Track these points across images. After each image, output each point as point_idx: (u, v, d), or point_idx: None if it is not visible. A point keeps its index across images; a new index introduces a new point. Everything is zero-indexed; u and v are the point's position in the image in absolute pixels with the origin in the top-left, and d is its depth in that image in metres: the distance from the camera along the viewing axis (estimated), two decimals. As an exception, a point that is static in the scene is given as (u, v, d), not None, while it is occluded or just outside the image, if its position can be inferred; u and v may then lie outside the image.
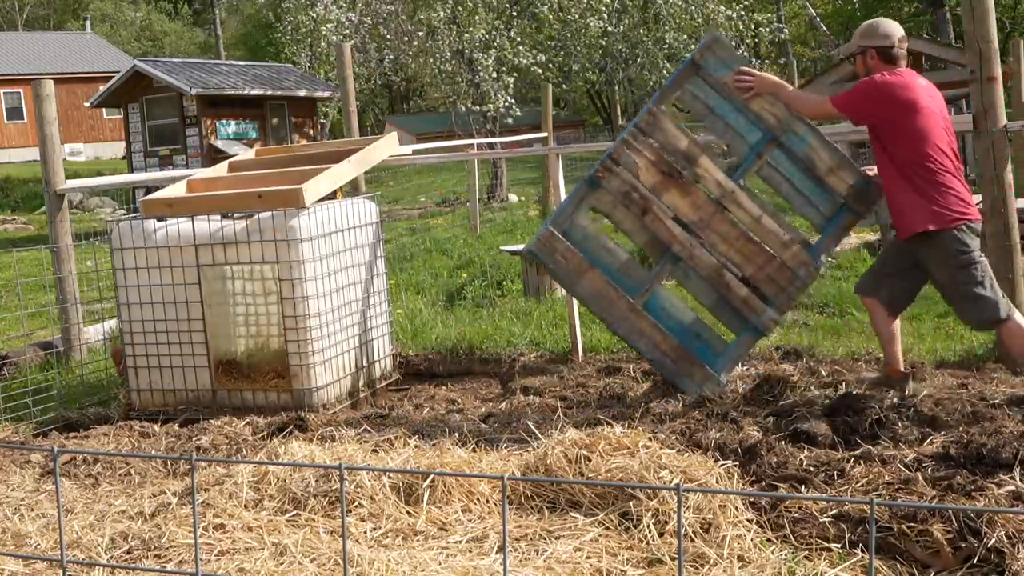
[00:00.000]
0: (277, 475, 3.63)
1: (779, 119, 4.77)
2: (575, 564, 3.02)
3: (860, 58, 4.63)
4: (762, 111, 4.78)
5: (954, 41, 20.82)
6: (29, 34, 44.39)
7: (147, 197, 5.59)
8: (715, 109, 4.83)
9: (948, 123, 4.52)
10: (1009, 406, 4.13)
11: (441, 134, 26.19)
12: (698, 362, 4.75)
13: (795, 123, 4.78)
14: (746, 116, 4.82)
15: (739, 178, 4.81)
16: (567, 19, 21.68)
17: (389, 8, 22.92)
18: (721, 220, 4.76)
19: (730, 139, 4.88)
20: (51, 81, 7.01)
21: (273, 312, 5.84)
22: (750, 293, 4.76)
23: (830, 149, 4.80)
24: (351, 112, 7.66)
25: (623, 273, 4.87)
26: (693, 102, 4.89)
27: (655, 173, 4.78)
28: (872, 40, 4.57)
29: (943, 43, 13.83)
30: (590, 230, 4.91)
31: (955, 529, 3.01)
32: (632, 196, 4.78)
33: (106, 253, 5.78)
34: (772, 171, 4.83)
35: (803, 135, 4.78)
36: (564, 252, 4.77)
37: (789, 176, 4.81)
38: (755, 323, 4.75)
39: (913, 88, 4.43)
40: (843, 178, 4.76)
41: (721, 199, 4.78)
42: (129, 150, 23.03)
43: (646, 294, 4.80)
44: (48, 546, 3.41)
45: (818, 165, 4.77)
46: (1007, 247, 5.15)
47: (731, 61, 4.83)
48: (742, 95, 4.78)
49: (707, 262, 4.77)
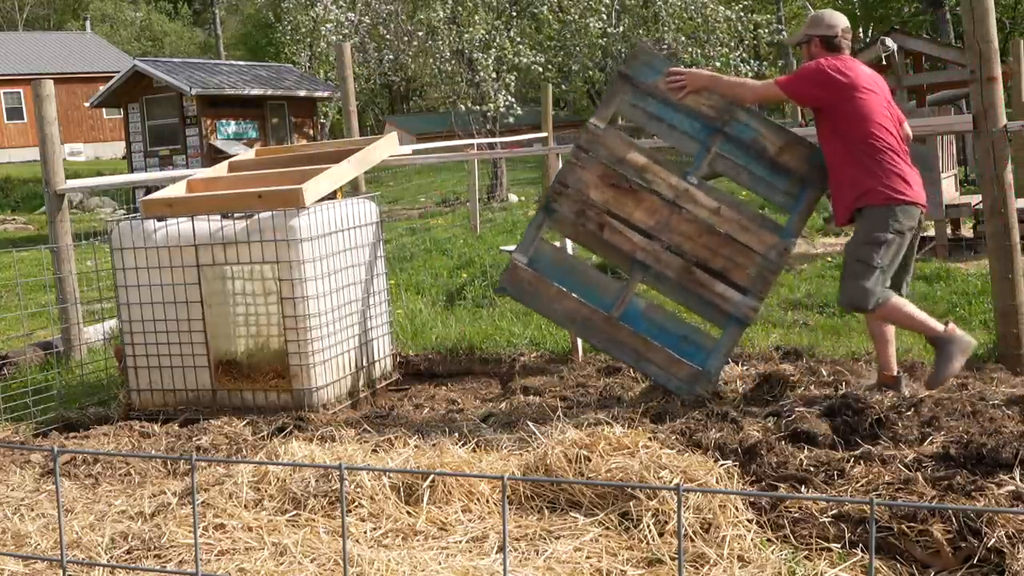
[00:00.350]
0: (277, 475, 3.63)
1: (719, 110, 4.81)
2: (575, 564, 3.02)
3: (806, 46, 4.80)
4: (700, 106, 4.82)
5: (954, 41, 20.82)
6: (29, 34, 44.39)
7: (147, 197, 5.59)
8: (656, 114, 4.88)
9: (893, 107, 4.67)
10: (1009, 406, 4.13)
11: (441, 134, 26.20)
12: (687, 363, 4.75)
13: (736, 112, 4.81)
14: (687, 114, 4.85)
15: (691, 175, 4.82)
16: (567, 19, 21.68)
17: (389, 8, 22.92)
18: (680, 220, 4.77)
19: (676, 140, 4.92)
20: (51, 81, 7.01)
21: (273, 312, 5.84)
22: (725, 286, 4.76)
23: (776, 130, 4.85)
24: (351, 112, 7.66)
25: (596, 290, 4.88)
26: (633, 112, 4.93)
27: (605, 187, 4.81)
28: (817, 29, 4.74)
29: (943, 43, 13.82)
30: (555, 255, 4.96)
31: (955, 529, 3.01)
32: (587, 214, 4.81)
33: (106, 253, 5.78)
34: (726, 162, 4.85)
35: (746, 122, 4.81)
36: (531, 281, 4.80)
37: (744, 164, 4.84)
38: (736, 314, 4.75)
39: (854, 71, 4.60)
40: (796, 155, 4.79)
41: (676, 200, 4.78)
42: (129, 150, 23.03)
43: (621, 306, 4.81)
44: (48, 546, 3.42)
45: (768, 148, 4.80)
46: (1007, 247, 5.15)
47: (659, 65, 4.89)
48: (676, 95, 4.82)
49: (674, 263, 4.78)
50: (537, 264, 4.84)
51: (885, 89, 4.73)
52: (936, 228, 10.08)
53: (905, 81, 10.62)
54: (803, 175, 4.78)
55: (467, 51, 19.70)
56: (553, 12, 21.43)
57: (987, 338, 5.77)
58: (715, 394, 4.77)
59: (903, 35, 11.10)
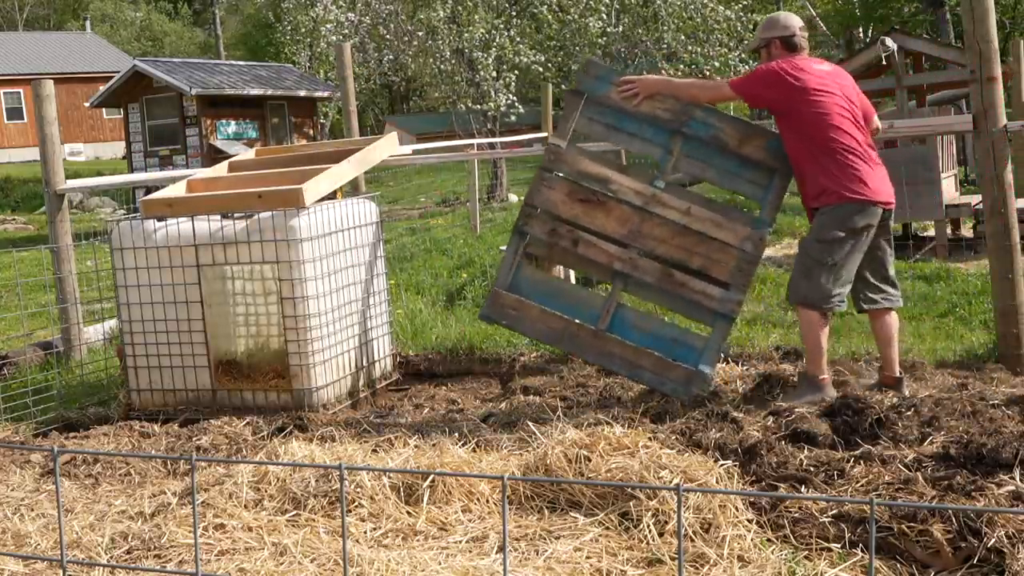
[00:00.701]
0: (277, 475, 3.63)
1: (675, 112, 4.83)
2: (575, 564, 3.02)
3: (765, 50, 4.80)
4: (656, 111, 4.85)
5: (954, 41, 20.82)
6: (29, 34, 44.39)
7: (147, 197, 5.59)
8: (614, 125, 4.91)
9: (855, 105, 4.65)
10: (1009, 406, 4.13)
11: (441, 134, 26.20)
12: (679, 365, 4.76)
13: (692, 111, 4.84)
14: (644, 121, 4.88)
15: (658, 179, 4.85)
16: (567, 19, 21.68)
17: (389, 8, 22.92)
18: (652, 224, 4.80)
19: (639, 147, 4.96)
20: (51, 81, 7.01)
21: (273, 312, 5.84)
22: (705, 283, 4.78)
23: (735, 122, 4.88)
24: (351, 112, 7.66)
25: (581, 305, 4.92)
26: (592, 126, 4.97)
27: (573, 203, 4.85)
28: (775, 31, 4.74)
29: (943, 43, 13.82)
30: (535, 276, 4.99)
31: (955, 529, 3.01)
32: (559, 232, 4.85)
33: (106, 253, 5.78)
34: (690, 162, 4.89)
35: (704, 119, 4.84)
36: (513, 305, 4.83)
37: (708, 161, 4.87)
38: (721, 310, 4.77)
39: (807, 72, 4.58)
40: (759, 145, 4.81)
41: (645, 206, 4.82)
42: (129, 150, 23.04)
43: (607, 318, 4.83)
44: (48, 546, 3.42)
45: (728, 141, 4.82)
46: (1007, 247, 5.15)
47: (609, 76, 4.93)
48: (631, 103, 4.82)
49: (652, 268, 4.81)
50: (519, 288, 4.88)
51: (847, 86, 4.70)
52: (936, 228, 10.09)
53: (905, 81, 10.61)
54: (769, 164, 4.79)
55: (467, 50, 19.70)
56: (552, 12, 21.43)
57: (987, 338, 5.77)
58: (715, 394, 4.77)
59: (903, 35, 11.10)
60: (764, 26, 4.83)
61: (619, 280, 4.85)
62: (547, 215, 4.86)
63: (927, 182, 9.90)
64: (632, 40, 22.58)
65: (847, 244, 4.50)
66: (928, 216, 10.15)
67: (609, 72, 4.95)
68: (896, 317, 4.80)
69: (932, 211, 9.99)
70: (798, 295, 4.63)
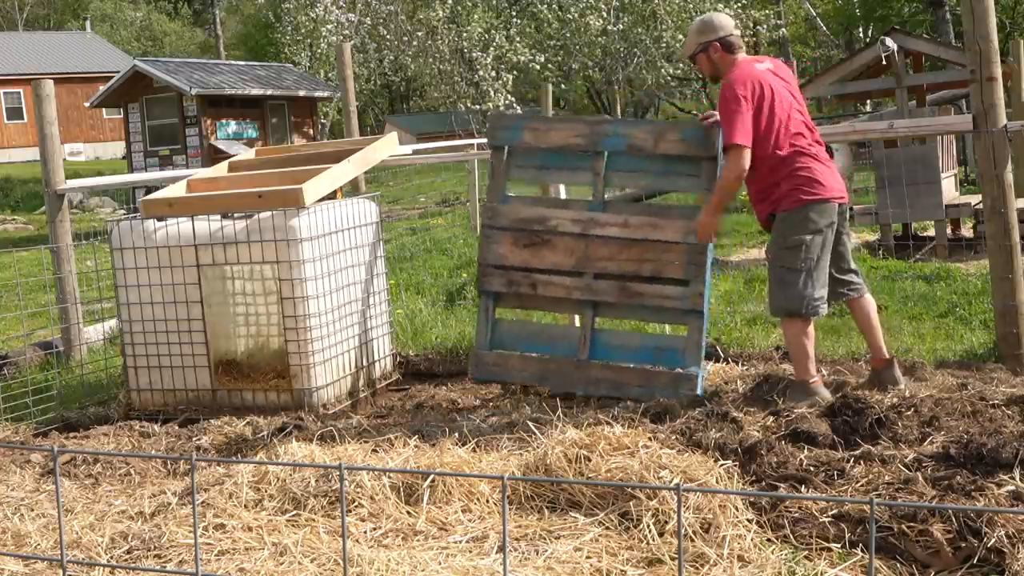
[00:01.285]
0: (277, 475, 3.63)
1: (587, 136, 4.94)
2: (575, 564, 3.02)
3: (703, 56, 4.69)
4: (570, 141, 4.96)
5: (954, 41, 20.81)
6: (29, 34, 44.39)
7: (147, 197, 5.59)
8: (542, 166, 5.05)
9: (799, 101, 4.62)
10: (1009, 406, 4.13)
11: (441, 134, 26.20)
12: (664, 371, 4.82)
13: (602, 128, 4.96)
14: (566, 153, 5.01)
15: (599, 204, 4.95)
16: (567, 18, 21.69)
17: (389, 8, 22.92)
18: (596, 246, 4.90)
19: (571, 179, 5.12)
20: (51, 81, 7.01)
21: (273, 312, 5.84)
22: (662, 286, 4.83)
23: (641, 125, 5.03)
24: (351, 112, 7.66)
25: (560, 341, 5.05)
26: (523, 173, 5.16)
27: (520, 250, 5.00)
28: (712, 34, 4.64)
29: (943, 43, 13.81)
30: (513, 327, 5.17)
31: (955, 529, 3.01)
32: (516, 280, 5.02)
33: (106, 253, 5.78)
34: (622, 176, 5.01)
35: (613, 132, 4.92)
36: (494, 360, 5.01)
37: (635, 169, 4.96)
38: (685, 307, 4.80)
39: (752, 81, 4.48)
40: (673, 139, 4.85)
41: (585, 231, 4.92)
42: (129, 150, 23.04)
43: (585, 346, 4.94)
44: (48, 546, 3.41)
45: (644, 146, 4.88)
46: (1007, 247, 5.15)
47: (517, 122, 5.08)
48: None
49: (609, 287, 4.89)
50: (501, 342, 5.08)
51: (790, 83, 4.66)
52: (936, 228, 10.08)
53: (905, 81, 10.60)
54: (692, 153, 4.83)
55: (466, 50, 19.71)
56: (552, 12, 21.44)
57: (987, 338, 5.76)
58: (715, 394, 4.77)
59: (903, 35, 11.09)
60: (698, 30, 4.69)
61: (586, 307, 4.95)
62: (500, 269, 5.04)
63: (927, 182, 9.89)
64: (631, 39, 22.60)
65: (815, 245, 4.46)
66: (928, 216, 10.14)
67: (516, 119, 5.12)
68: (870, 301, 4.74)
69: (932, 211, 9.98)
70: (778, 306, 4.57)
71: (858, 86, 11.12)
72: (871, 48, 10.77)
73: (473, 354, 5.10)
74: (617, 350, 4.99)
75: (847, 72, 11.03)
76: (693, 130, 4.82)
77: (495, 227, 5.04)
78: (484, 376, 5.02)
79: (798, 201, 4.45)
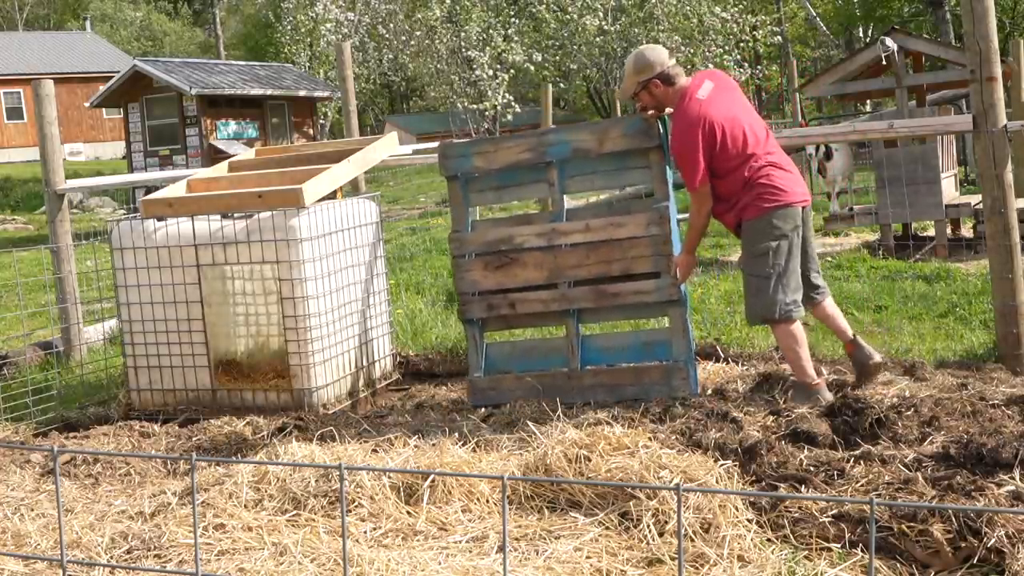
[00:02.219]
0: (277, 475, 3.63)
1: (534, 149, 5.01)
2: (575, 564, 3.02)
3: (644, 93, 4.71)
4: (519, 157, 5.04)
5: (954, 41, 20.81)
6: (29, 34, 44.38)
7: (147, 197, 5.58)
8: (499, 186, 5.15)
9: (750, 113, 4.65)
10: (1009, 406, 4.13)
11: (441, 134, 26.22)
12: (654, 366, 4.85)
13: (546, 138, 5.04)
14: (518, 169, 5.09)
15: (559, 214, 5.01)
16: (565, 19, 21.69)
17: (388, 8, 22.93)
18: (564, 256, 4.96)
19: (529, 193, 5.22)
20: (51, 81, 7.01)
21: (273, 312, 5.84)
22: (635, 283, 4.87)
23: (581, 128, 5.05)
24: (351, 112, 7.66)
25: (552, 354, 5.11)
26: (483, 197, 5.25)
27: (491, 273, 5.08)
28: (649, 72, 4.65)
29: (943, 43, 13.81)
30: (503, 349, 5.28)
31: (955, 529, 3.01)
32: (494, 304, 5.10)
33: (106, 253, 5.79)
34: (577, 181, 5.06)
35: (556, 140, 5.01)
36: (488, 384, 5.10)
37: (587, 173, 5.03)
38: (663, 299, 4.84)
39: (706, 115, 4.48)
40: (616, 136, 4.90)
41: (551, 243, 4.99)
42: (129, 150, 23.04)
43: (575, 355, 4.99)
44: (48, 546, 3.42)
45: (589, 147, 4.94)
46: (1007, 247, 5.15)
47: (465, 149, 5.17)
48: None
49: (585, 293, 4.96)
50: (493, 366, 5.16)
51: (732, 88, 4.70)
52: (936, 228, 10.09)
53: (905, 81, 10.61)
54: (637, 146, 4.87)
55: (464, 49, 19.72)
56: (551, 12, 21.45)
57: (987, 338, 5.77)
58: (715, 393, 4.77)
59: (903, 35, 11.09)
60: (635, 70, 4.68)
61: (568, 317, 5.01)
62: (477, 296, 5.10)
63: (927, 182, 9.90)
64: (629, 39, 22.61)
65: (782, 250, 4.50)
66: (928, 216, 10.14)
67: (464, 147, 5.19)
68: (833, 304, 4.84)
69: (932, 211, 9.99)
70: (753, 314, 4.62)
71: (858, 86, 11.12)
72: (871, 48, 10.77)
73: (469, 382, 5.18)
74: (607, 352, 5.04)
75: (847, 72, 11.03)
76: (633, 123, 4.87)
77: (464, 255, 5.14)
78: (481, 402, 5.08)
79: (760, 209, 4.50)
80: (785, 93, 31.39)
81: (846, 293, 7.39)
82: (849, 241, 11.17)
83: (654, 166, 4.87)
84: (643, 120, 4.83)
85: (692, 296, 7.04)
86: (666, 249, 4.78)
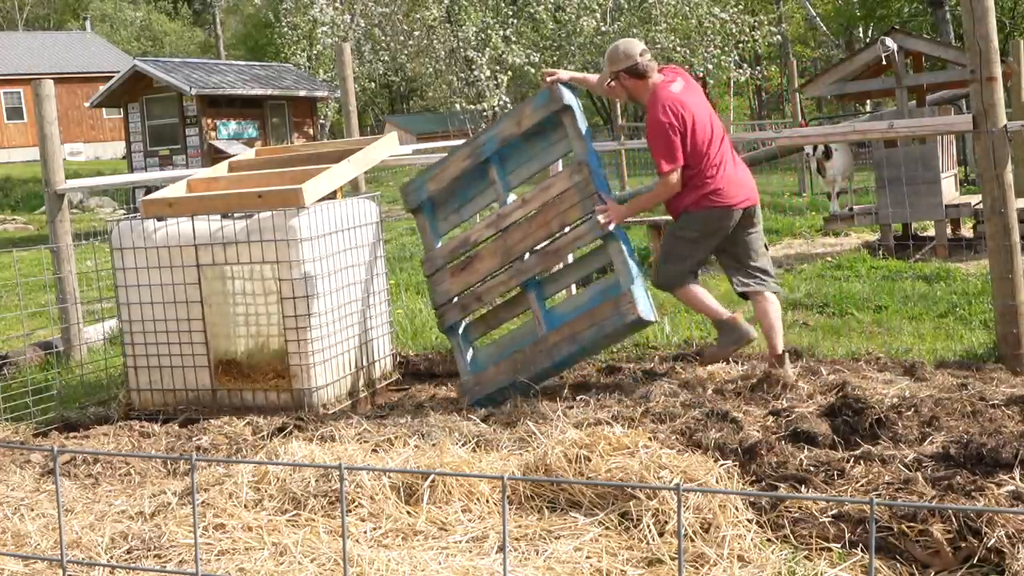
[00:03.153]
0: (277, 475, 3.63)
1: (469, 155, 5.24)
2: (575, 564, 3.02)
3: (615, 84, 5.01)
4: (460, 169, 5.26)
5: (954, 41, 20.81)
6: (29, 34, 44.39)
7: (147, 197, 5.58)
8: (458, 206, 5.38)
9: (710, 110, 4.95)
10: (1009, 406, 4.13)
11: (441, 134, 26.20)
12: (605, 304, 4.96)
13: (476, 140, 5.26)
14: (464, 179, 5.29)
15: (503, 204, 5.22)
16: (563, 19, 21.67)
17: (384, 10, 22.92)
18: (511, 235, 5.15)
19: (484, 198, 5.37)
20: (51, 81, 7.01)
21: (273, 312, 5.84)
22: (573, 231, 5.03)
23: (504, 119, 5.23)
24: (351, 112, 7.66)
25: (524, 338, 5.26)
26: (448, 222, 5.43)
27: (458, 276, 5.27)
28: (619, 64, 4.94)
29: (943, 43, 13.81)
30: (485, 350, 5.41)
31: (955, 529, 3.01)
32: (465, 303, 5.29)
33: (106, 253, 5.78)
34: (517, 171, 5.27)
35: (484, 139, 5.22)
36: (475, 382, 5.23)
37: (522, 160, 5.24)
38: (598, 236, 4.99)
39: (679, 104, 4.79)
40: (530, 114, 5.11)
41: (498, 228, 5.19)
42: (129, 150, 23.04)
43: (540, 324, 5.13)
44: (48, 546, 3.41)
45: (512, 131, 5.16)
46: (1007, 247, 5.15)
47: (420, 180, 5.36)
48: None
49: (534, 262, 5.14)
50: (479, 367, 5.29)
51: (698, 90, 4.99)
52: (936, 228, 10.09)
53: (905, 81, 10.60)
54: (546, 114, 5.06)
55: (462, 49, 19.71)
56: (549, 12, 21.43)
57: (987, 338, 5.77)
58: (716, 392, 4.77)
59: (903, 35, 11.08)
60: (609, 60, 4.99)
61: (529, 289, 5.20)
62: (450, 303, 5.29)
63: (927, 182, 9.89)
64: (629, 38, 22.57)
65: (699, 243, 4.95)
66: (928, 216, 10.14)
67: (416, 180, 5.39)
68: (775, 302, 5.05)
69: (932, 211, 9.99)
70: (658, 280, 5.10)
71: (858, 86, 11.11)
72: (871, 48, 10.77)
73: (461, 386, 5.32)
74: (571, 314, 5.14)
75: (847, 72, 11.02)
76: (540, 96, 5.10)
77: (435, 271, 5.33)
78: (472, 401, 5.19)
79: (700, 206, 4.87)
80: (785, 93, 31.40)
81: (847, 293, 7.39)
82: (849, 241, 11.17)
83: (568, 127, 5.05)
84: (546, 89, 5.07)
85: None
86: (589, 189, 4.94)
